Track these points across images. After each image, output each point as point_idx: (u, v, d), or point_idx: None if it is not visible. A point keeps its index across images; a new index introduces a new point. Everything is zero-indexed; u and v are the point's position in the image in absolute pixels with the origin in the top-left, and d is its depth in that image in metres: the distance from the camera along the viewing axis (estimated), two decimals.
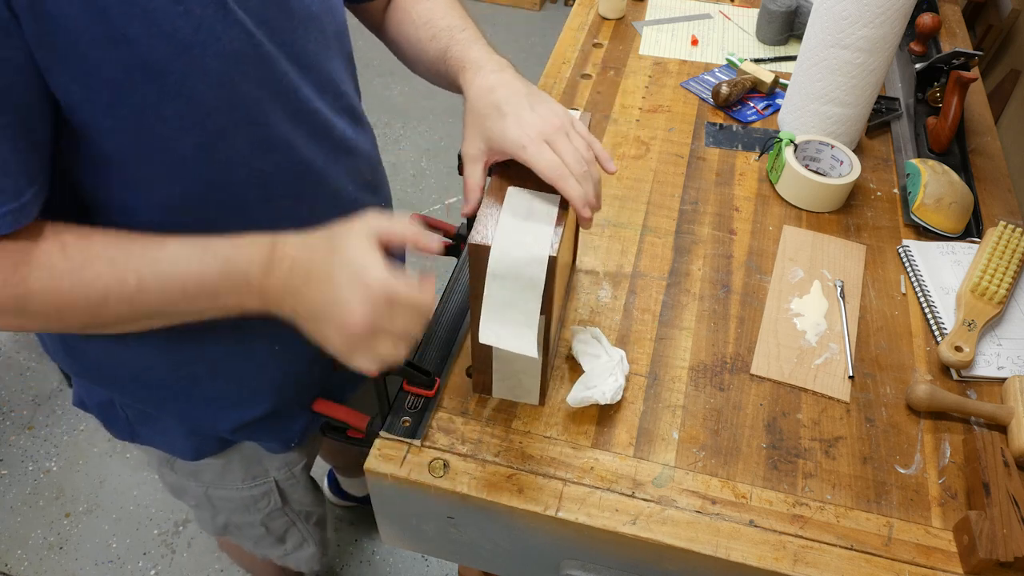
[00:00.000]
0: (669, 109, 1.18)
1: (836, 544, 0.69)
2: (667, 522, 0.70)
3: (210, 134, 0.60)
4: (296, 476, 0.98)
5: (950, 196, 0.98)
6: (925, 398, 0.78)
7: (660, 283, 0.91)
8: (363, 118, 0.83)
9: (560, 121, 0.66)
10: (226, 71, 0.58)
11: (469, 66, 0.72)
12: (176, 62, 0.55)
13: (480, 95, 0.68)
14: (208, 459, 0.88)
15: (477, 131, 0.68)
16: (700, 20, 1.41)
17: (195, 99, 0.58)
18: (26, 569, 1.58)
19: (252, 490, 0.95)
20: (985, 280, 0.88)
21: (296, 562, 1.13)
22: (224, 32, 0.57)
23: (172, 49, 0.55)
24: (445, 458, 0.74)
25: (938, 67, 1.17)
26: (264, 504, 0.98)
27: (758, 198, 1.03)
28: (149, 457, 0.94)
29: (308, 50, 0.67)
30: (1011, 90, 1.84)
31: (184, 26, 0.55)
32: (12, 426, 1.82)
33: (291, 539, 1.08)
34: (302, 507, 1.04)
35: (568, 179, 0.64)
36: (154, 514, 1.67)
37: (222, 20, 0.57)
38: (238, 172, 0.64)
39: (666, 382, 0.81)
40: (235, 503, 0.96)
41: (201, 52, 0.56)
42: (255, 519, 1.00)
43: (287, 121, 0.66)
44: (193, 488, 0.94)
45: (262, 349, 0.77)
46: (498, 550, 0.78)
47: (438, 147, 2.63)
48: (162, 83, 0.55)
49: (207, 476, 0.92)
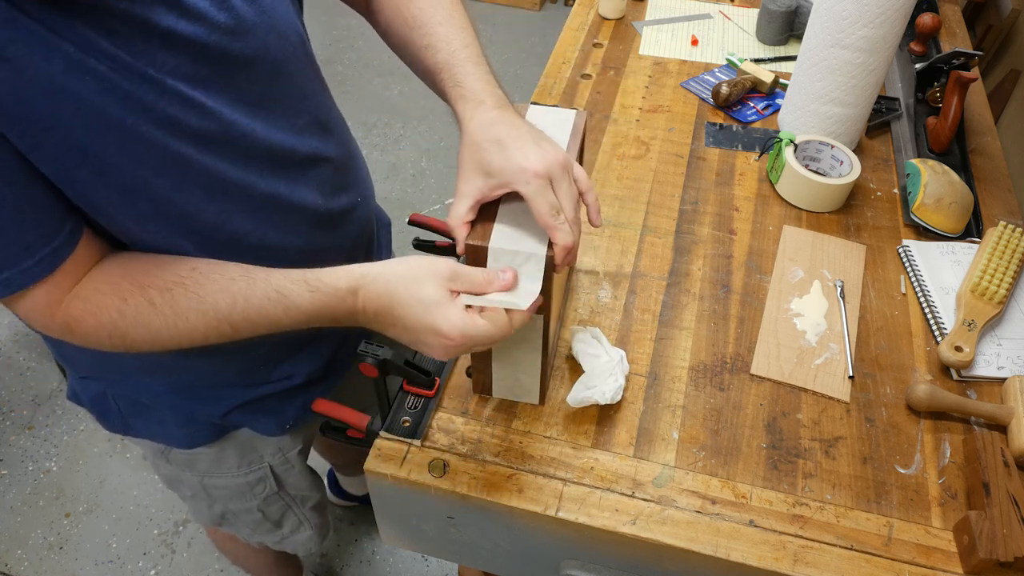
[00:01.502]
0: (669, 109, 1.18)
1: (836, 544, 0.69)
2: (667, 522, 0.70)
3: (158, 199, 0.63)
4: (291, 461, 0.99)
5: (950, 196, 0.98)
6: (925, 398, 0.78)
7: (660, 283, 0.91)
8: (331, 121, 0.81)
9: (564, 159, 0.64)
10: (162, 139, 0.60)
11: (469, 96, 0.68)
12: (110, 142, 0.57)
13: (480, 128, 0.65)
14: (202, 448, 0.89)
15: (475, 165, 0.64)
16: (700, 20, 1.41)
17: (133, 171, 0.60)
18: (26, 569, 1.58)
19: (247, 476, 0.96)
20: (985, 280, 0.88)
21: (293, 545, 1.14)
22: (156, 102, 0.58)
23: (103, 128, 0.56)
24: (445, 458, 0.74)
25: (938, 67, 1.17)
26: (260, 489, 0.99)
27: (758, 198, 1.03)
28: (144, 450, 0.94)
29: (254, 91, 0.67)
30: (1011, 90, 1.84)
31: (112, 104, 0.56)
32: (12, 426, 1.82)
33: (288, 523, 1.10)
34: (298, 491, 1.05)
35: (561, 228, 0.62)
36: (154, 514, 1.67)
37: (152, 91, 0.58)
38: (203, 216, 0.67)
39: (666, 382, 0.81)
40: (231, 490, 0.97)
41: (134, 126, 0.58)
42: (251, 505, 1.01)
43: (239, 167, 0.67)
44: (188, 478, 0.95)
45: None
46: (498, 550, 0.78)
47: (438, 147, 2.63)
48: (100, 163, 0.58)
49: (202, 465, 0.92)
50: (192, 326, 0.63)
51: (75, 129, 0.55)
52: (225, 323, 0.63)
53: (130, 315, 0.62)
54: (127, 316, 0.62)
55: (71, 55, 0.53)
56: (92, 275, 0.63)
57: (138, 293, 0.63)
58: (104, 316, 0.62)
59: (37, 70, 0.52)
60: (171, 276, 0.64)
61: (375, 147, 2.63)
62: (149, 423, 0.86)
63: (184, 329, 0.63)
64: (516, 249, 0.62)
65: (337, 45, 3.06)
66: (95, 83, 0.54)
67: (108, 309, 0.62)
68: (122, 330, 0.63)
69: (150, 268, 0.64)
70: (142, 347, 0.65)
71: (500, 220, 0.65)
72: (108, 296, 0.62)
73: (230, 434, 0.90)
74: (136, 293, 0.63)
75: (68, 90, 0.53)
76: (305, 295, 0.63)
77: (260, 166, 0.70)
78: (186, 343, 0.65)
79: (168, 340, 0.64)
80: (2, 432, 1.81)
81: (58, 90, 0.53)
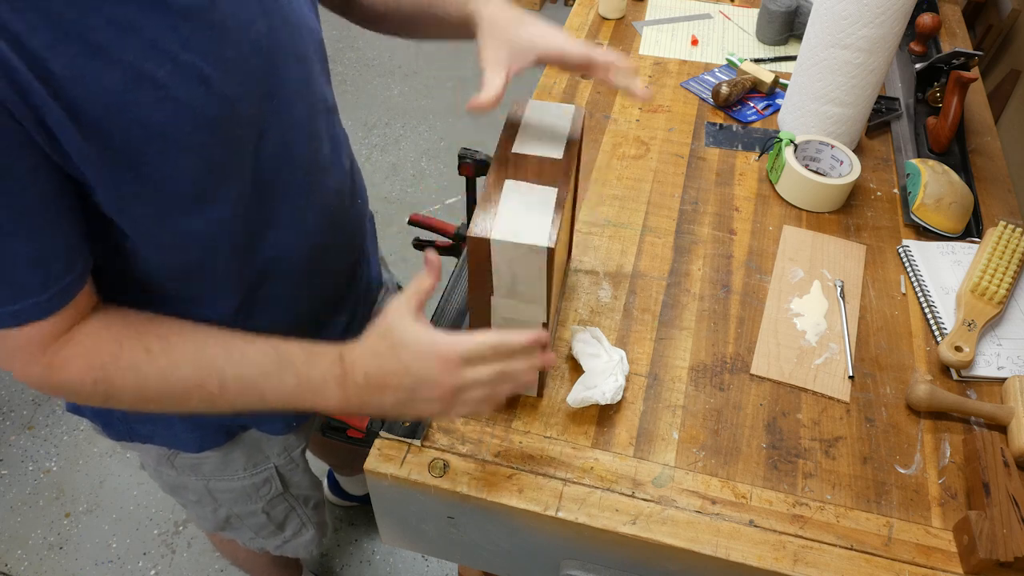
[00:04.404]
0: (669, 109, 1.18)
1: (836, 544, 0.69)
2: (667, 522, 0.70)
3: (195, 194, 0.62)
4: (295, 460, 0.99)
5: (950, 196, 0.98)
6: (925, 398, 0.78)
7: (660, 283, 0.91)
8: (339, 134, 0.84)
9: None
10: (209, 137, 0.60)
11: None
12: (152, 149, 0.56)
13: (499, 11, 0.74)
14: (209, 451, 0.89)
15: (500, 41, 0.72)
16: (700, 20, 1.41)
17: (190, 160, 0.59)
18: (26, 569, 1.58)
19: (254, 478, 0.96)
20: (985, 280, 0.88)
21: (294, 549, 1.15)
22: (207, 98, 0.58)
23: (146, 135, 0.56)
24: (445, 458, 0.74)
25: (938, 67, 1.17)
26: (266, 491, 0.99)
27: (758, 198, 1.03)
28: (145, 457, 0.94)
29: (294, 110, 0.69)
30: (1011, 90, 1.84)
31: (158, 112, 0.55)
32: (12, 426, 1.82)
33: (290, 525, 1.10)
34: (300, 491, 1.05)
35: (596, 50, 0.70)
36: (154, 514, 1.67)
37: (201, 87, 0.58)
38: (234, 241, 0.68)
39: (666, 382, 0.81)
40: (236, 493, 0.97)
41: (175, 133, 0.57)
42: (257, 507, 1.01)
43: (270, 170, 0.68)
44: (193, 483, 0.95)
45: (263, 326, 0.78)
46: (498, 550, 0.78)
47: (438, 147, 2.63)
48: (138, 171, 0.57)
49: (208, 468, 0.92)
50: (183, 377, 0.62)
51: (153, 114, 0.55)
52: (214, 379, 0.62)
53: (124, 360, 0.61)
54: (120, 360, 0.61)
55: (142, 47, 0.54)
56: (90, 320, 0.62)
57: (136, 339, 0.62)
58: (95, 359, 0.61)
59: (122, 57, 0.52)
60: (172, 326, 0.64)
61: (375, 147, 2.63)
62: (156, 427, 0.86)
63: (174, 380, 0.62)
64: (518, 242, 0.63)
65: (337, 45, 3.07)
66: (162, 70, 0.55)
67: (101, 353, 0.61)
68: (110, 375, 0.61)
69: (151, 318, 0.64)
70: (124, 397, 0.63)
71: (501, 214, 0.65)
72: (104, 341, 0.61)
73: (238, 436, 0.90)
74: (134, 339, 0.62)
75: (145, 76, 0.54)
76: (299, 353, 0.64)
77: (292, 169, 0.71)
78: (168, 400, 0.63)
79: (154, 391, 0.62)
80: (2, 432, 1.81)
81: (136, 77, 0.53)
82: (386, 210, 2.39)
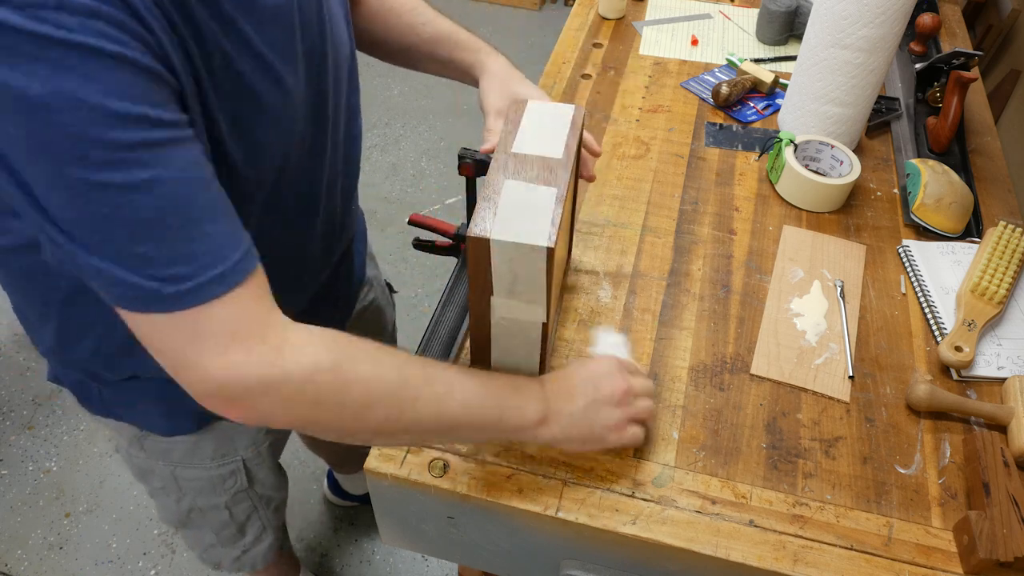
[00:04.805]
0: (669, 109, 1.18)
1: (836, 544, 0.69)
2: (667, 522, 0.70)
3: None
4: (263, 455, 1.00)
5: (950, 196, 0.98)
6: (925, 398, 0.78)
7: (660, 283, 0.91)
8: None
9: None
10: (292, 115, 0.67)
11: (484, 49, 0.89)
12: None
13: (503, 68, 0.86)
14: (180, 436, 0.89)
15: (502, 93, 0.83)
16: (700, 20, 1.41)
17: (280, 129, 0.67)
18: (26, 569, 1.58)
19: (220, 468, 0.96)
20: (985, 280, 0.88)
21: (252, 560, 1.15)
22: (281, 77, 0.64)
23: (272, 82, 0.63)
24: (445, 458, 0.74)
25: (938, 67, 1.17)
26: (231, 484, 0.99)
27: (758, 198, 1.03)
28: (119, 438, 0.94)
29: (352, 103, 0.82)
30: (1011, 90, 1.84)
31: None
32: (12, 426, 1.82)
33: (251, 529, 1.10)
34: (264, 490, 1.05)
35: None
36: (154, 514, 1.67)
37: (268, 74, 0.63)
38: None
39: (666, 382, 0.81)
40: (202, 482, 0.97)
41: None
42: (220, 501, 1.01)
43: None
44: (160, 468, 0.95)
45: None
46: (498, 550, 0.78)
47: (438, 147, 2.63)
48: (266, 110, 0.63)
49: (177, 454, 0.92)
50: (413, 373, 0.61)
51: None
52: (440, 383, 0.62)
53: (361, 344, 0.60)
54: (358, 344, 0.59)
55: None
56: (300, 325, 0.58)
57: (364, 341, 0.61)
58: (332, 341, 0.58)
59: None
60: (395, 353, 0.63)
61: (375, 147, 2.63)
62: (131, 409, 0.86)
63: (407, 374, 0.60)
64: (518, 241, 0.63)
65: None
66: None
67: (337, 336, 0.58)
68: (354, 355, 0.58)
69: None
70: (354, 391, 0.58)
71: (501, 213, 0.65)
72: (334, 335, 0.59)
73: (209, 424, 0.90)
74: (360, 341, 0.60)
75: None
76: (506, 390, 0.67)
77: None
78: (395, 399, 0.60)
79: (386, 385, 0.59)
80: (2, 432, 1.81)
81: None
82: (386, 210, 2.39)
